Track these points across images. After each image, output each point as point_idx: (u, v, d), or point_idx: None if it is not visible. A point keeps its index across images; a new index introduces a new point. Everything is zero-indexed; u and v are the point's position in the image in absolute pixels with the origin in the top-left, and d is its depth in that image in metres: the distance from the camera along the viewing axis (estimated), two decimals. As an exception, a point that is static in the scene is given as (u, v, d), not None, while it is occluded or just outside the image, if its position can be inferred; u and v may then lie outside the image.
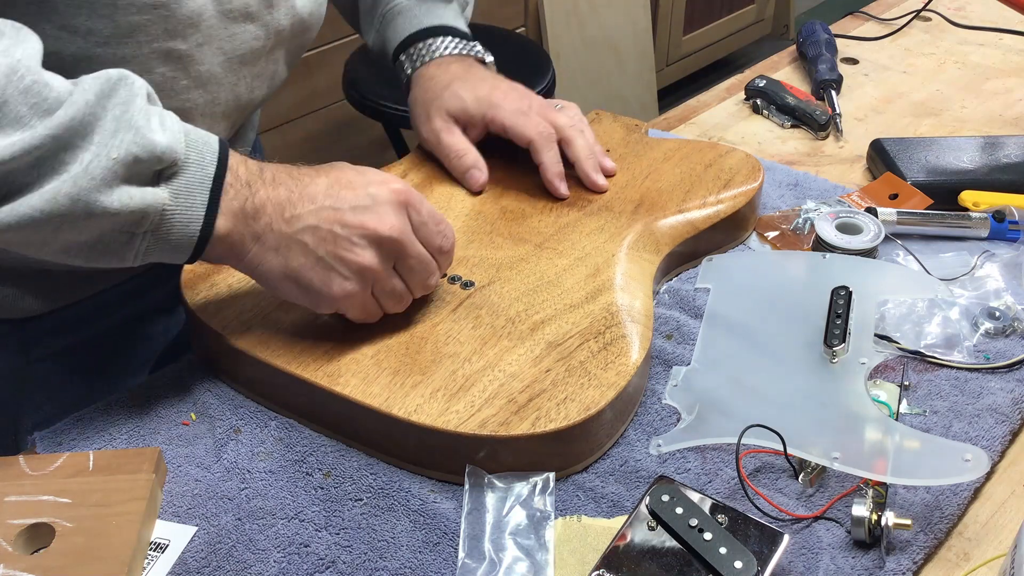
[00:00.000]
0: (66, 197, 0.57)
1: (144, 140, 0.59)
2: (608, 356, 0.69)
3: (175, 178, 0.62)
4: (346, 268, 0.66)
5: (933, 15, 1.40)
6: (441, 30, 0.91)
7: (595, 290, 0.75)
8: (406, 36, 0.91)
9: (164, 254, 0.63)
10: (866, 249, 0.84)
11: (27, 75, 0.57)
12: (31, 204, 0.57)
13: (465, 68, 0.90)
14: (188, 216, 0.62)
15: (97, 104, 0.59)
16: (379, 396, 0.66)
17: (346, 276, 0.67)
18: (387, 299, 0.70)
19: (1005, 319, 0.78)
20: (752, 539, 0.58)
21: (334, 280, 0.66)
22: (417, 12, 0.92)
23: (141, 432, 0.70)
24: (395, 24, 0.92)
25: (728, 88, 1.23)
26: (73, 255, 0.61)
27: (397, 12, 0.93)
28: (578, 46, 2.60)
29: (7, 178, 0.56)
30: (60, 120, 0.57)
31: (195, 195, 0.62)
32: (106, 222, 0.59)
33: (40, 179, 0.57)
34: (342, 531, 0.63)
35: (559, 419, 0.64)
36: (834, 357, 0.72)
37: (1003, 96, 1.20)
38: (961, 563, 0.63)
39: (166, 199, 0.61)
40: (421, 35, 0.91)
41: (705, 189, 0.88)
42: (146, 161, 0.60)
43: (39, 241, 0.59)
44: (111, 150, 0.58)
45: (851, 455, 0.64)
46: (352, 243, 0.66)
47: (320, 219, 0.66)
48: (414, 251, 0.68)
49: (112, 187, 0.58)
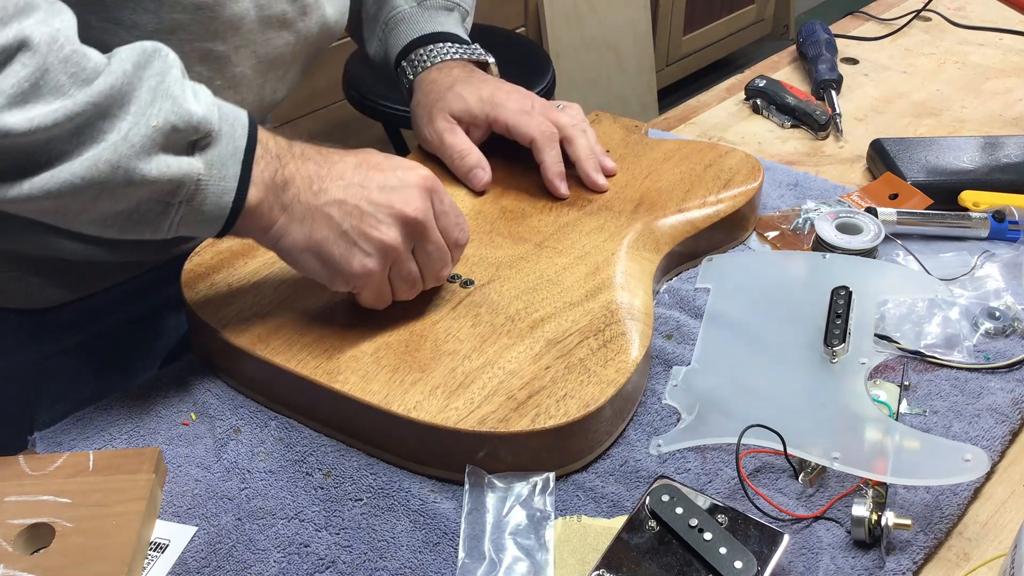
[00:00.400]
0: (106, 164, 0.58)
1: (181, 110, 0.60)
2: (608, 353, 0.69)
3: (209, 148, 0.62)
4: (369, 244, 0.67)
5: (933, 15, 1.40)
6: (443, 36, 0.92)
7: (595, 288, 0.75)
8: (408, 42, 0.92)
9: (196, 226, 0.64)
10: (866, 249, 0.84)
11: (66, 45, 0.57)
12: (71, 171, 0.57)
13: (467, 72, 0.90)
14: (221, 187, 0.62)
15: (134, 74, 0.59)
16: (378, 393, 0.66)
17: (368, 252, 0.67)
18: (401, 284, 0.70)
19: (1005, 319, 0.78)
20: (752, 539, 0.58)
21: (355, 255, 0.67)
22: (419, 19, 0.93)
23: (141, 432, 0.70)
24: (398, 31, 0.93)
25: (728, 88, 1.23)
26: (109, 225, 0.62)
27: (400, 19, 0.93)
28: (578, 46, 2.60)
29: (47, 145, 0.57)
30: (99, 89, 0.57)
31: (228, 166, 0.63)
32: (144, 190, 0.60)
33: (79, 147, 0.58)
34: (342, 531, 0.63)
35: (559, 416, 0.64)
36: (834, 357, 0.72)
37: (1003, 96, 1.20)
38: (961, 563, 0.63)
39: (200, 169, 0.61)
40: (423, 40, 0.91)
41: (705, 189, 0.88)
42: (183, 131, 0.60)
43: (77, 209, 0.60)
44: (150, 118, 0.59)
45: (851, 455, 0.64)
46: (378, 220, 0.66)
47: (348, 194, 0.66)
48: (434, 237, 0.69)
49: (151, 155, 0.59)
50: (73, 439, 0.70)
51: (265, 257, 0.78)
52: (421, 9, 0.93)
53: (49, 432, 0.71)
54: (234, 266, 0.77)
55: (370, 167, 0.68)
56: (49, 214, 0.60)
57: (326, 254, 0.67)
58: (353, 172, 0.67)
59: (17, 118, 0.55)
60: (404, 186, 0.68)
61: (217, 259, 0.78)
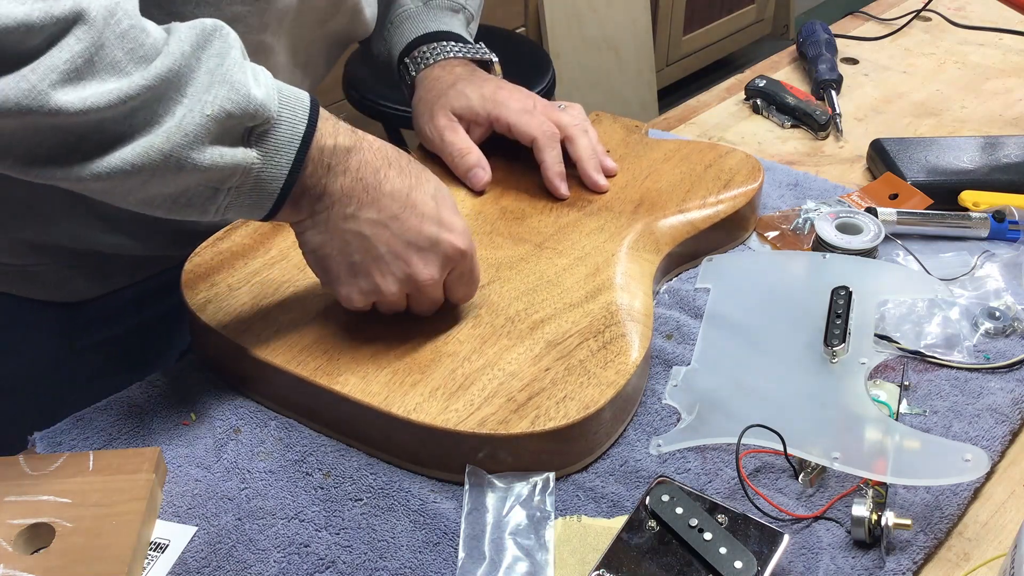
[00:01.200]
0: (159, 152, 0.56)
1: (238, 96, 0.58)
2: (607, 355, 0.69)
3: (266, 136, 0.60)
4: (368, 284, 0.68)
5: (933, 15, 1.40)
6: (447, 35, 0.92)
7: (595, 289, 0.75)
8: (412, 39, 0.92)
9: (243, 210, 0.63)
10: (866, 249, 0.84)
11: (124, 19, 0.55)
12: (123, 157, 0.56)
13: (470, 70, 0.90)
14: (273, 174, 0.61)
15: (192, 55, 0.57)
16: (378, 395, 0.66)
17: (362, 290, 0.68)
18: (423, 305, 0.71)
19: (1005, 319, 0.78)
20: (752, 539, 0.58)
21: (351, 285, 0.68)
22: (424, 18, 0.93)
23: (141, 432, 0.70)
24: (402, 28, 0.93)
25: (728, 88, 1.23)
26: (156, 206, 0.60)
27: (405, 17, 0.93)
28: (578, 46, 2.60)
29: (99, 127, 0.55)
30: (157, 71, 0.55)
31: (282, 154, 0.61)
32: (195, 177, 0.59)
33: (133, 131, 0.56)
34: (342, 531, 0.63)
35: (558, 417, 0.64)
36: (834, 357, 0.72)
37: (1003, 96, 1.20)
38: (961, 563, 0.63)
39: (254, 158, 0.60)
40: (427, 38, 0.91)
41: (705, 189, 0.88)
42: (239, 117, 0.58)
43: (124, 191, 0.58)
44: (204, 106, 0.57)
45: (851, 455, 0.64)
46: (387, 271, 0.67)
47: (374, 232, 0.66)
48: (433, 296, 0.70)
49: (204, 144, 0.58)
50: (73, 439, 0.70)
51: (265, 258, 0.78)
52: (427, 8, 0.94)
53: (49, 432, 0.71)
54: (234, 267, 0.77)
55: (411, 213, 0.67)
56: (97, 192, 0.58)
57: (329, 269, 0.68)
58: (391, 212, 0.66)
59: (70, 97, 0.53)
60: (430, 250, 0.67)
61: (217, 259, 0.78)
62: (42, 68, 0.52)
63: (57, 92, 0.52)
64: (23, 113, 0.52)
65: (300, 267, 0.77)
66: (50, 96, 0.52)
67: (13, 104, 0.51)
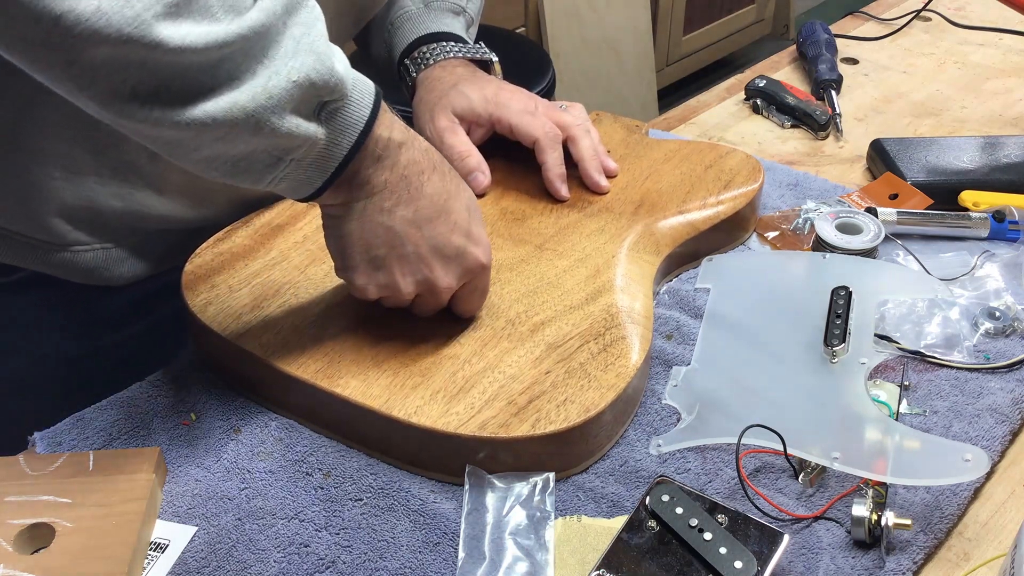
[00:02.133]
0: (242, 111, 0.56)
1: (323, 67, 0.58)
2: (608, 358, 0.69)
3: (336, 113, 0.61)
4: (386, 279, 0.68)
5: (933, 15, 1.40)
6: (448, 36, 0.92)
7: (595, 291, 0.75)
8: (413, 39, 0.92)
9: (293, 184, 0.62)
10: (866, 249, 0.84)
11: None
12: (206, 110, 0.55)
13: (471, 71, 0.90)
14: (334, 152, 0.61)
15: (282, 17, 0.57)
16: (379, 398, 0.66)
17: (379, 283, 0.68)
18: (428, 308, 0.72)
19: (1005, 319, 0.78)
20: (752, 539, 0.58)
21: (369, 277, 0.68)
22: (425, 19, 0.93)
23: (141, 432, 0.70)
24: (403, 29, 0.93)
25: (728, 88, 1.23)
26: (215, 167, 0.60)
27: (406, 19, 0.93)
28: (578, 46, 2.60)
29: (187, 72, 0.54)
30: (250, 23, 0.55)
31: (347, 134, 0.61)
32: (267, 142, 0.58)
33: (216, 84, 0.55)
34: (342, 531, 0.63)
35: (559, 421, 0.64)
36: (834, 357, 0.72)
37: (1003, 96, 1.20)
38: (961, 563, 0.63)
39: (323, 135, 0.60)
40: (428, 39, 0.91)
41: (705, 190, 0.88)
42: (320, 88, 0.58)
43: (194, 145, 0.58)
44: (291, 71, 0.57)
45: (851, 455, 0.64)
46: (408, 271, 0.67)
47: (405, 230, 0.66)
48: (441, 301, 0.70)
49: (285, 110, 0.57)
50: (73, 439, 0.70)
51: (266, 259, 0.79)
52: (428, 10, 0.93)
53: (49, 432, 0.71)
54: (235, 267, 0.77)
55: (442, 220, 0.67)
56: (166, 144, 0.58)
57: (349, 255, 0.67)
58: (426, 214, 0.66)
59: (170, 31, 0.52)
60: (455, 260, 0.68)
61: (218, 261, 0.78)
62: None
63: (160, 24, 0.51)
64: (123, 41, 0.51)
65: (301, 269, 0.78)
66: (152, 27, 0.51)
67: (115, 30, 0.50)
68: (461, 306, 0.72)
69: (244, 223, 0.82)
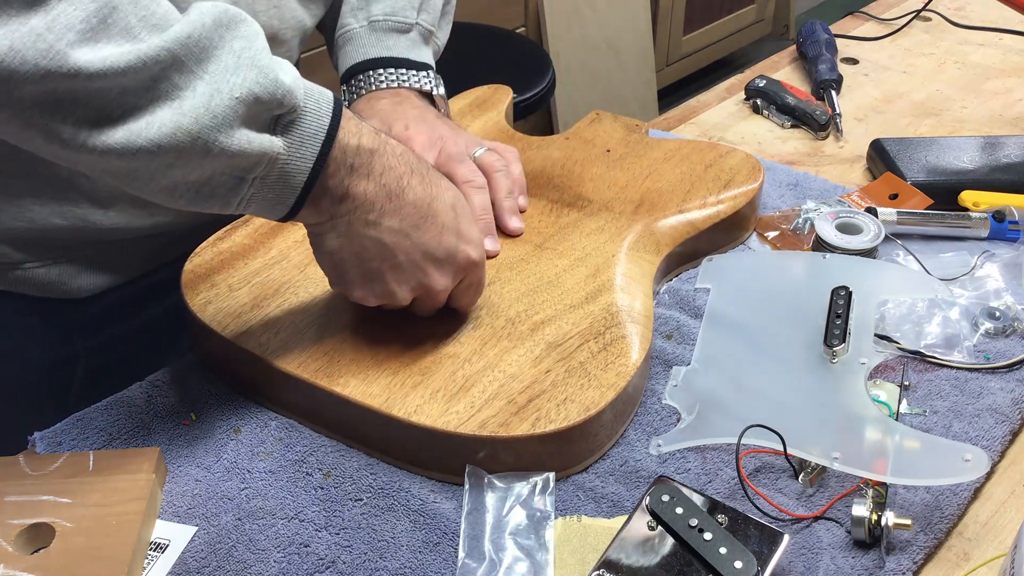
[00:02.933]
0: (186, 134, 0.55)
1: (266, 80, 0.57)
2: (608, 357, 0.69)
3: (292, 126, 0.60)
4: (382, 290, 0.68)
5: (933, 15, 1.40)
6: (385, 62, 0.88)
7: (595, 290, 0.75)
8: (349, 67, 0.88)
9: (265, 205, 0.61)
10: (866, 249, 0.84)
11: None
12: (149, 136, 0.54)
13: (393, 104, 0.85)
14: (298, 167, 0.60)
15: (214, 31, 0.56)
16: (379, 397, 0.66)
17: (376, 293, 0.68)
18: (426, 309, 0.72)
19: (1005, 319, 0.78)
20: (752, 539, 0.58)
21: (364, 288, 0.68)
22: (365, 41, 0.89)
23: (141, 432, 0.70)
24: (344, 52, 0.90)
25: (728, 88, 1.23)
26: (178, 195, 0.59)
27: (347, 39, 0.90)
28: (578, 46, 2.60)
29: (121, 97, 0.53)
30: (176, 36, 0.54)
31: (307, 146, 0.60)
32: (221, 163, 0.58)
33: (154, 103, 0.54)
34: (342, 531, 0.63)
35: (559, 420, 0.64)
36: (834, 357, 0.72)
37: (1003, 96, 1.20)
38: (961, 563, 0.63)
39: (280, 148, 0.59)
40: (363, 67, 0.87)
41: (705, 189, 0.88)
42: (267, 102, 0.57)
43: (148, 175, 0.57)
44: (233, 88, 0.56)
45: (851, 455, 0.64)
46: (403, 279, 0.67)
47: (394, 240, 0.65)
48: (438, 302, 0.71)
49: (233, 127, 0.56)
50: (73, 439, 0.70)
51: (265, 258, 0.79)
52: (370, 30, 0.89)
53: (49, 432, 0.71)
54: (234, 267, 0.77)
55: (430, 223, 0.66)
56: (119, 174, 0.57)
57: (342, 272, 0.67)
58: (412, 221, 0.66)
59: (89, 56, 0.51)
60: (446, 262, 0.68)
61: (217, 260, 0.78)
62: (59, 27, 0.50)
63: (76, 51, 0.51)
64: (42, 76, 0.51)
65: (300, 268, 0.78)
66: (68, 55, 0.51)
67: (32, 66, 0.50)
68: (458, 302, 0.72)
69: (244, 222, 0.82)
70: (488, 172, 0.83)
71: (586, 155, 0.93)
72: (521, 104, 1.68)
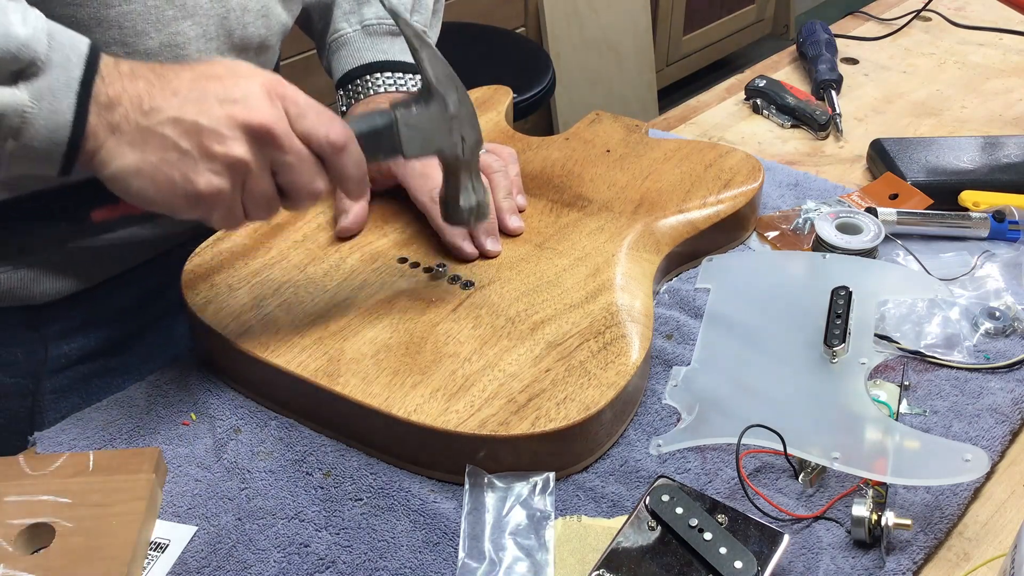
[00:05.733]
0: None
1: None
2: (608, 356, 0.69)
3: (36, 79, 0.56)
4: (215, 162, 0.59)
5: (933, 15, 1.40)
6: (381, 66, 0.87)
7: (595, 290, 0.75)
8: (345, 72, 0.87)
9: (33, 163, 0.58)
10: (866, 249, 0.84)
11: None
12: None
13: None
14: (53, 121, 0.56)
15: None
16: (379, 396, 0.66)
17: (215, 171, 0.59)
18: (255, 203, 0.63)
19: (1005, 319, 0.78)
20: (752, 539, 0.58)
21: (201, 174, 0.59)
22: (360, 46, 0.88)
23: (141, 432, 0.70)
24: (338, 56, 0.89)
25: (728, 88, 1.23)
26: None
27: (341, 44, 0.88)
28: (578, 46, 2.60)
29: None
30: None
31: (60, 99, 0.56)
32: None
33: None
34: (342, 531, 0.63)
35: (559, 419, 0.64)
36: (834, 357, 0.72)
37: (1003, 96, 1.20)
38: (961, 563, 0.63)
39: (26, 101, 0.55)
40: (360, 71, 0.86)
41: (705, 189, 0.88)
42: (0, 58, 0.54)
43: None
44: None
45: (851, 455, 0.64)
46: (221, 135, 0.59)
47: (184, 111, 0.59)
48: (290, 145, 0.61)
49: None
50: (73, 439, 0.70)
51: (265, 258, 0.79)
52: (364, 34, 0.88)
53: (49, 432, 0.71)
54: (234, 267, 0.77)
55: (208, 79, 0.60)
56: None
57: (163, 178, 0.59)
58: (189, 87, 0.60)
59: None
60: (247, 95, 0.60)
61: (217, 260, 0.78)
62: None
63: None
64: None
65: (300, 268, 0.78)
66: None
67: None
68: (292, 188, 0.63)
69: (244, 223, 0.82)
70: (486, 173, 0.83)
71: (586, 155, 0.93)
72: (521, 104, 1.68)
